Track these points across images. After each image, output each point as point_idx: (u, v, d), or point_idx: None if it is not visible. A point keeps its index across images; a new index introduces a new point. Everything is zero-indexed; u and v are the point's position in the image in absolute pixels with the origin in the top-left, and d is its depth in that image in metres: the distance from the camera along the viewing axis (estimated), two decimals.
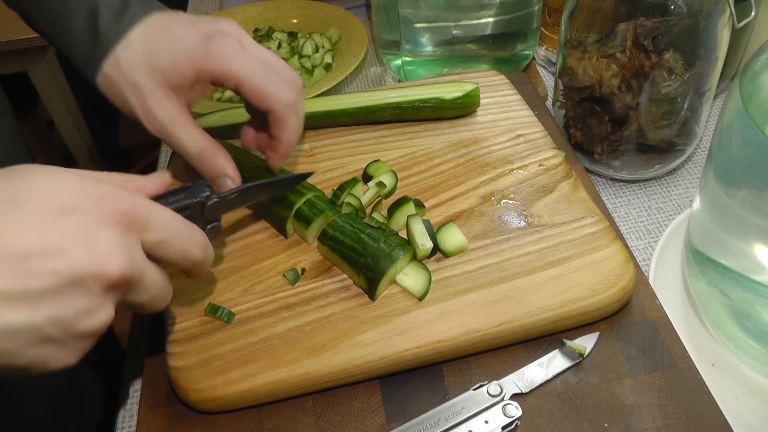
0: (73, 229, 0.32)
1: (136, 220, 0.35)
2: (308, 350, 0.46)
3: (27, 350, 0.32)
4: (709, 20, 0.56)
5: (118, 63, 0.48)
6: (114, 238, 0.33)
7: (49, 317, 0.31)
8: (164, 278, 0.38)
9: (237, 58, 0.48)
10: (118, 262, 0.33)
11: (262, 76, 0.48)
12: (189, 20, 0.50)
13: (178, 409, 0.47)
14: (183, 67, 0.48)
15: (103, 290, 0.33)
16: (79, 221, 0.33)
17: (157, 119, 0.49)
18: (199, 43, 0.48)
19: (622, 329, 0.49)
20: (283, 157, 0.53)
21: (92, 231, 0.33)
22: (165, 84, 0.48)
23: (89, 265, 0.32)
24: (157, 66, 0.48)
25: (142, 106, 0.49)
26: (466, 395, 0.45)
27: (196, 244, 0.40)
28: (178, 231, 0.38)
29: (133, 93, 0.49)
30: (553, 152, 0.60)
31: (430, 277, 0.49)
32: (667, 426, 0.43)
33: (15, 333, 0.31)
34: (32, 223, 0.32)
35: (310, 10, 0.96)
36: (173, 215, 0.39)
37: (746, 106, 0.43)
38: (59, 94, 1.80)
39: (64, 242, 0.32)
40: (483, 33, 0.77)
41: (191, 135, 0.50)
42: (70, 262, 0.32)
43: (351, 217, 0.52)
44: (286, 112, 0.50)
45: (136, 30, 0.48)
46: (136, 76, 0.48)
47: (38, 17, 0.52)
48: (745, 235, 0.48)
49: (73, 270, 0.32)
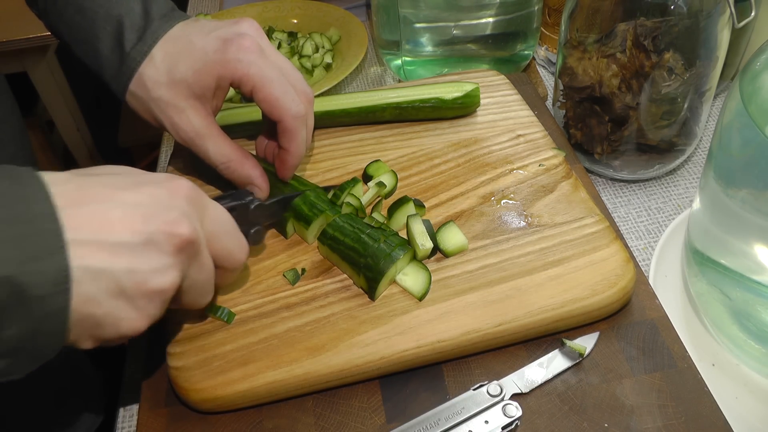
0: (148, 194, 0.36)
1: (198, 202, 0.38)
2: (308, 350, 0.46)
3: (106, 299, 0.34)
4: (709, 20, 0.56)
5: (143, 80, 0.50)
6: (183, 208, 0.36)
7: (126, 268, 0.34)
8: (213, 270, 0.40)
9: (254, 63, 0.49)
10: (186, 226, 0.36)
11: (276, 85, 0.49)
12: (209, 27, 0.50)
13: (178, 409, 0.47)
14: (204, 75, 0.49)
15: (174, 251, 0.36)
16: (154, 190, 0.36)
17: (184, 132, 0.50)
18: (218, 48, 0.49)
19: (622, 329, 0.49)
20: (292, 168, 0.53)
21: (163, 199, 0.36)
22: (189, 95, 0.50)
23: (163, 225, 0.35)
24: (180, 78, 0.49)
25: (169, 120, 0.50)
26: (466, 395, 0.45)
27: (241, 246, 0.42)
28: (228, 227, 0.41)
29: (159, 108, 0.50)
30: (553, 152, 0.60)
31: (430, 277, 0.49)
32: (667, 426, 0.43)
33: (96, 276, 0.33)
34: (114, 188, 0.35)
35: (310, 10, 0.96)
36: (226, 212, 0.41)
37: (746, 106, 0.43)
38: (59, 94, 1.80)
39: (142, 204, 0.35)
40: (483, 33, 0.77)
41: (217, 145, 0.51)
42: (146, 221, 0.34)
43: (351, 217, 0.52)
44: (296, 125, 0.50)
45: (159, 45, 0.50)
46: (161, 92, 0.50)
47: (72, 42, 0.54)
48: (745, 235, 0.48)
49: (149, 229, 0.34)
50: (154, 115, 0.51)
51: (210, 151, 0.51)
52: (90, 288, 0.33)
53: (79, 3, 0.51)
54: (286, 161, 0.52)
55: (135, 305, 0.35)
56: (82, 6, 0.51)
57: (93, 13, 0.51)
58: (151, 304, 0.36)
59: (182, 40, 0.50)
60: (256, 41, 0.49)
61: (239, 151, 0.52)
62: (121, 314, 0.35)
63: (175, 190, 0.37)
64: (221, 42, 0.48)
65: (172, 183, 0.37)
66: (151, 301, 0.35)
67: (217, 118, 0.64)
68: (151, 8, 0.51)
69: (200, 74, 0.49)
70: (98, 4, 0.51)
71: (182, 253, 0.36)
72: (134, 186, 0.36)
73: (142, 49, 0.50)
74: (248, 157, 0.52)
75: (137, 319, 0.35)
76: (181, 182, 0.38)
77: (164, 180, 0.37)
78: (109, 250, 0.33)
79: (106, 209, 0.34)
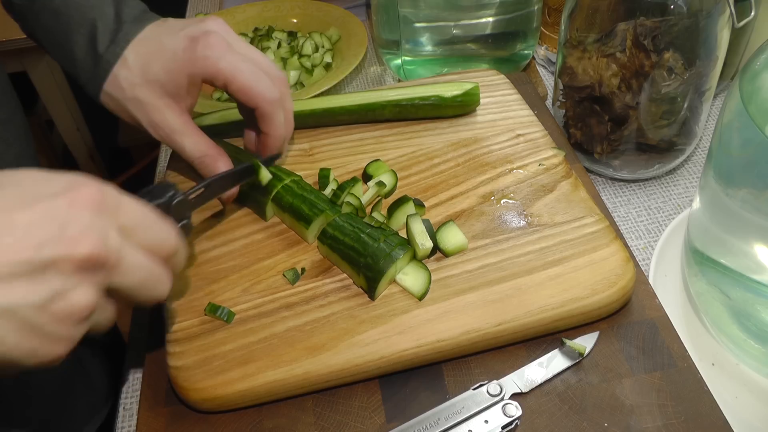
0: (43, 211, 0.32)
1: (106, 206, 0.35)
2: (308, 350, 0.46)
3: (7, 336, 0.31)
4: (708, 20, 0.56)
5: (118, 81, 0.51)
6: (84, 220, 0.33)
7: (23, 299, 0.31)
8: (150, 263, 0.37)
9: (223, 58, 0.50)
10: (87, 242, 0.33)
11: (247, 74, 0.50)
12: (177, 26, 0.52)
13: (178, 408, 0.47)
14: (176, 75, 0.51)
15: (75, 270, 0.33)
16: (50, 204, 0.33)
17: (161, 129, 0.52)
18: (186, 47, 0.50)
19: (621, 329, 0.49)
20: (275, 151, 0.55)
21: (61, 214, 0.33)
22: (164, 94, 0.51)
23: (60, 247, 0.32)
24: (153, 78, 0.51)
25: (146, 118, 0.52)
26: (466, 395, 0.45)
27: (168, 233, 0.39)
28: (148, 219, 0.38)
29: (135, 108, 0.52)
30: (552, 152, 0.60)
31: (429, 277, 0.49)
32: (666, 425, 0.43)
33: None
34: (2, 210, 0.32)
35: (310, 10, 0.96)
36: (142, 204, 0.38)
37: (746, 106, 0.43)
38: (59, 94, 1.80)
39: (35, 224, 0.32)
40: (483, 32, 0.77)
41: (193, 141, 0.53)
42: (39, 246, 0.31)
43: (351, 217, 0.52)
44: (272, 108, 0.52)
45: (131, 47, 0.51)
46: (136, 92, 0.51)
47: (48, 46, 0.55)
48: (745, 235, 0.48)
49: (43, 254, 0.31)
50: (132, 114, 0.53)
51: (186, 146, 0.53)
52: None
53: (54, 8, 0.53)
54: (267, 145, 0.54)
55: (46, 334, 0.32)
56: (57, 11, 0.53)
57: (68, 18, 0.52)
58: (65, 327, 0.33)
59: (153, 41, 0.51)
60: (222, 37, 0.51)
61: (214, 148, 0.54)
62: (32, 346, 0.32)
63: (76, 200, 0.33)
64: (189, 41, 0.50)
65: (73, 192, 0.34)
66: (64, 325, 0.33)
67: (216, 117, 0.65)
68: (123, 11, 0.52)
69: (172, 74, 0.50)
70: (73, 9, 0.52)
71: (87, 270, 0.33)
72: (27, 204, 0.32)
73: (114, 50, 0.51)
74: (223, 154, 0.54)
75: (53, 347, 0.33)
76: (84, 188, 0.34)
77: (64, 189, 0.34)
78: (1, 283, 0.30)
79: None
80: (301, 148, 0.63)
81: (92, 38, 0.52)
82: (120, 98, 0.52)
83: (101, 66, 0.51)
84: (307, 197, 0.54)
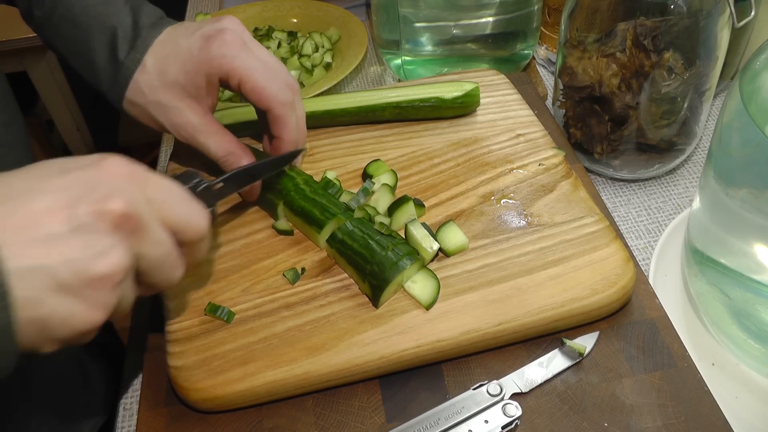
0: (74, 178, 0.33)
1: (135, 177, 0.35)
2: (308, 350, 0.46)
3: (47, 298, 0.31)
4: (708, 20, 0.56)
5: (138, 86, 0.52)
6: (114, 184, 0.34)
7: (61, 259, 0.31)
8: (172, 242, 0.37)
9: (238, 56, 0.50)
10: (119, 200, 0.33)
11: (261, 74, 0.50)
12: (193, 27, 0.52)
13: (178, 408, 0.47)
14: (194, 75, 0.51)
15: (110, 229, 0.33)
16: (81, 173, 0.34)
17: (184, 131, 0.52)
18: (201, 46, 0.50)
19: (621, 329, 0.49)
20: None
21: (93, 179, 0.34)
22: (184, 95, 0.52)
23: (91, 205, 0.32)
24: (172, 80, 0.51)
25: (169, 121, 0.52)
26: (466, 395, 0.45)
27: (198, 212, 0.39)
28: (178, 194, 0.38)
29: (158, 111, 0.52)
30: (552, 152, 0.60)
31: (438, 286, 0.49)
32: (666, 425, 0.43)
33: (31, 275, 0.31)
34: (35, 179, 0.33)
35: (310, 10, 0.96)
36: (172, 181, 0.38)
37: (746, 106, 0.43)
38: (59, 94, 1.80)
39: (67, 188, 0.33)
40: (483, 32, 0.77)
41: (217, 140, 0.53)
42: (72, 205, 0.32)
43: (362, 222, 0.51)
44: (285, 111, 0.52)
45: (149, 52, 0.52)
46: (158, 96, 0.52)
47: (68, 55, 0.56)
48: (745, 235, 0.48)
49: (77, 212, 0.32)
50: (154, 118, 0.53)
51: (211, 146, 0.52)
52: (27, 289, 0.31)
53: (73, 17, 0.53)
54: (280, 149, 0.54)
55: (82, 297, 0.32)
56: (76, 21, 0.53)
57: (87, 27, 0.53)
58: (100, 292, 0.33)
59: (170, 43, 0.52)
60: (238, 35, 0.51)
61: (239, 145, 0.53)
62: (69, 310, 0.32)
63: (105, 169, 0.34)
64: (204, 39, 0.50)
65: (102, 162, 0.35)
66: (99, 290, 0.33)
67: (221, 117, 0.65)
68: (141, 18, 0.53)
69: (190, 74, 0.51)
70: (92, 18, 0.53)
71: (121, 229, 0.33)
72: (58, 173, 0.33)
73: (134, 57, 0.51)
74: (247, 151, 0.54)
75: (89, 313, 0.33)
76: (113, 159, 0.35)
77: (94, 161, 0.35)
78: (39, 244, 0.31)
79: (29, 202, 0.31)
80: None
81: (112, 46, 0.52)
82: (142, 103, 0.52)
83: (122, 73, 0.52)
84: (318, 201, 0.53)
